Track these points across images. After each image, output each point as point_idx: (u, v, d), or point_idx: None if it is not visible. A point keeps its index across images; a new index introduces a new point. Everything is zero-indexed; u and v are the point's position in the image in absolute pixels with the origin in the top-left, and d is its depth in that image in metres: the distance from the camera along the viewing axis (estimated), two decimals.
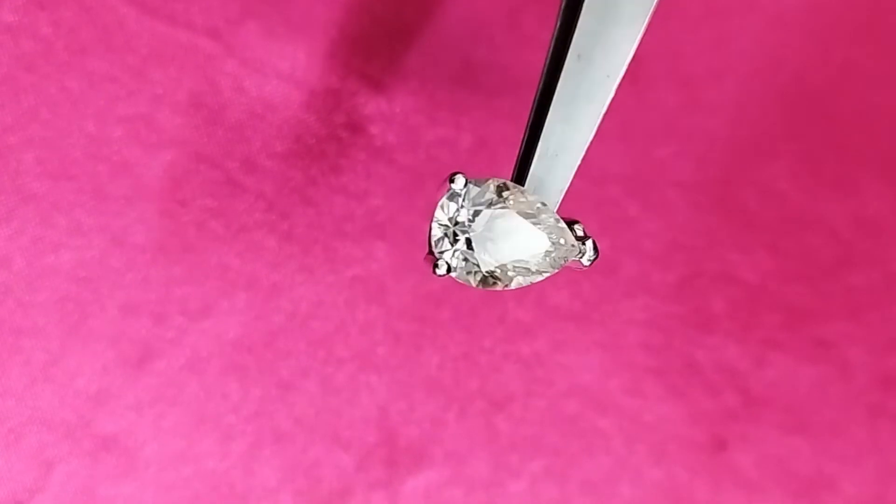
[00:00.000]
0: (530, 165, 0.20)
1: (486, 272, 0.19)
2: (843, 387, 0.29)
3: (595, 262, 0.20)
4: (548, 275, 0.19)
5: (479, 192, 0.19)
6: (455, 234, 0.19)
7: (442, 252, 0.19)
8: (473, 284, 0.19)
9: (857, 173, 0.29)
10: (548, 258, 0.19)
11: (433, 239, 0.19)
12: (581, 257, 0.20)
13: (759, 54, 0.29)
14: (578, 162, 0.20)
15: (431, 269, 0.19)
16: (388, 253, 0.28)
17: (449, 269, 0.19)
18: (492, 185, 0.19)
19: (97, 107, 0.27)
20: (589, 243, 0.20)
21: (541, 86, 0.20)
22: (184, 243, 0.27)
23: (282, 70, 0.27)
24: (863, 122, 0.29)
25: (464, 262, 0.19)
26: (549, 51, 0.20)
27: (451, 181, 0.19)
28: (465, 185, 0.19)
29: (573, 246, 0.19)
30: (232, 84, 0.27)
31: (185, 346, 0.28)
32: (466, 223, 0.19)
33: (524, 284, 0.20)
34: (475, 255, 0.19)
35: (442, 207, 0.19)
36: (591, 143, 0.26)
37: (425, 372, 0.28)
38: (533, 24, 0.28)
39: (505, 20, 0.28)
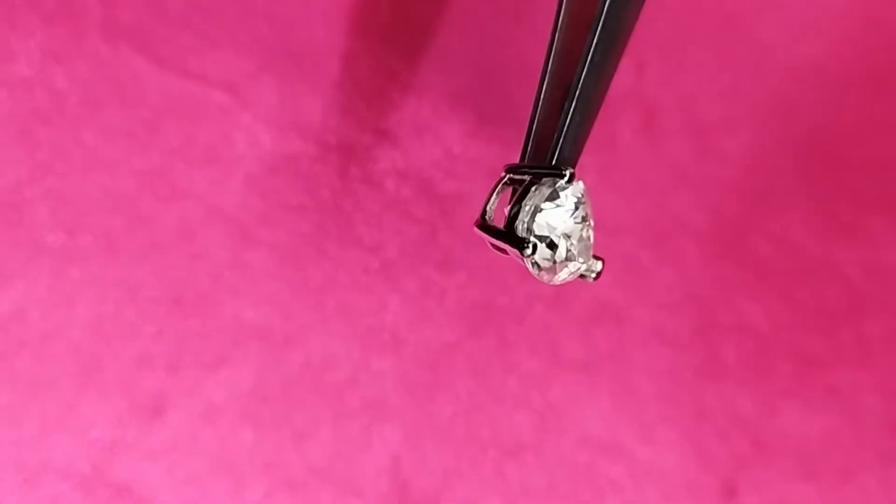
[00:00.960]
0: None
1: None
2: (854, 434, 0.29)
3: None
4: (567, 270, 0.21)
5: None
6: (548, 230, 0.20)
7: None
8: (534, 270, 0.21)
9: (871, 222, 0.29)
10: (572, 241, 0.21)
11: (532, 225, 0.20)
12: (590, 274, 0.21)
13: (774, 104, 0.29)
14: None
15: (519, 251, 0.20)
16: (401, 304, 0.28)
17: (534, 251, 0.20)
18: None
19: (112, 160, 0.27)
20: (599, 263, 0.22)
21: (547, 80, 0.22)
22: (198, 295, 0.27)
23: (297, 123, 0.27)
24: (876, 172, 0.29)
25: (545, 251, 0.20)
26: (551, 53, 0.22)
27: (561, 176, 0.20)
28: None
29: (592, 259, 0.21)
30: (247, 137, 0.27)
31: (200, 397, 0.28)
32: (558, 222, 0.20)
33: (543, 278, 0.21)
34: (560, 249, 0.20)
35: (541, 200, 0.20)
36: (606, 193, 0.26)
37: (438, 422, 0.28)
38: None
39: (521, 75, 0.28)
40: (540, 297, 0.29)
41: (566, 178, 0.21)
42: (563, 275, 0.21)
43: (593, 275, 0.21)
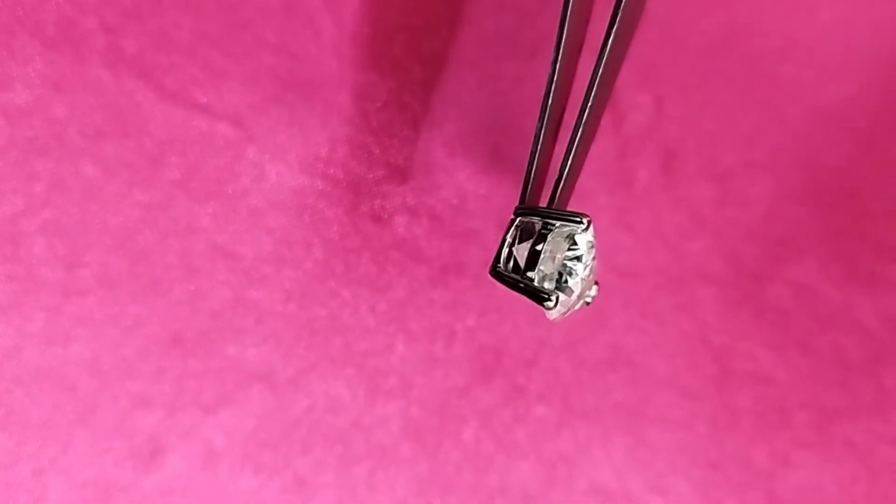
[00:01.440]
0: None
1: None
2: (870, 488, 0.28)
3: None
4: (576, 308, 0.21)
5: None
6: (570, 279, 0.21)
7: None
8: (552, 315, 0.21)
9: (891, 271, 0.28)
10: (586, 276, 0.21)
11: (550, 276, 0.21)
12: (588, 299, 0.22)
13: (796, 148, 0.28)
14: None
15: (539, 303, 0.20)
16: (408, 346, 0.27)
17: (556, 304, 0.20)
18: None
19: (112, 193, 0.26)
20: (595, 288, 0.22)
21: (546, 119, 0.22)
22: (199, 334, 0.27)
23: (304, 158, 0.27)
24: None
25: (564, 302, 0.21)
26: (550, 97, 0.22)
27: (580, 222, 0.21)
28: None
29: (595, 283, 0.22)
30: (252, 171, 0.26)
31: (199, 439, 0.27)
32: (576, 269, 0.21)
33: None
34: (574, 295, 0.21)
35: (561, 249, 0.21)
36: (622, 235, 0.26)
37: (444, 468, 0.28)
38: (568, 116, 0.27)
39: (534, 113, 0.27)
40: (551, 342, 0.28)
41: (584, 226, 0.21)
42: (571, 312, 0.21)
43: (589, 300, 0.22)
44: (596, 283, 0.22)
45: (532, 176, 0.23)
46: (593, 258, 0.21)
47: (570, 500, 0.28)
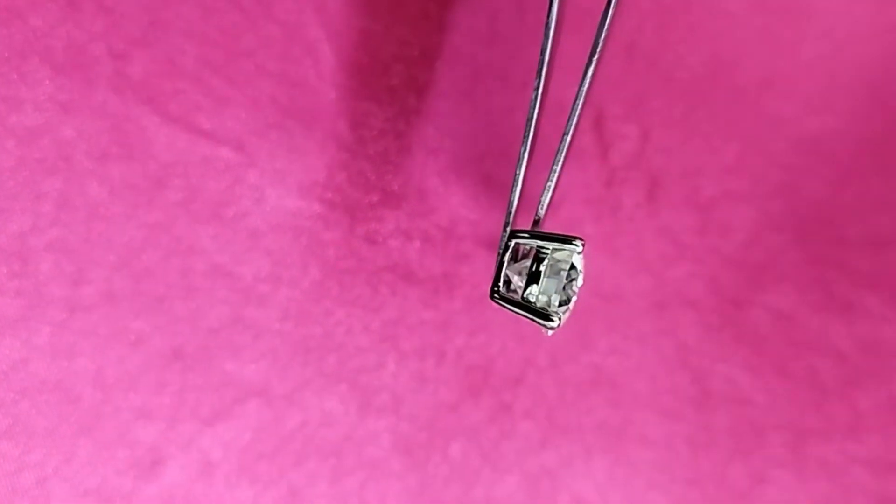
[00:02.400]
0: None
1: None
2: None
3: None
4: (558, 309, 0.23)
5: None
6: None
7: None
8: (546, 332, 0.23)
9: (866, 298, 0.29)
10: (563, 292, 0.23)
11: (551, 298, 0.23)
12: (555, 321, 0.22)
13: (778, 178, 0.29)
14: None
15: (542, 325, 0.22)
16: (400, 364, 0.28)
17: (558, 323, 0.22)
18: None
19: (117, 213, 0.27)
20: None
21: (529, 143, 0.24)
22: (198, 350, 0.28)
23: (303, 182, 0.28)
24: (874, 249, 0.29)
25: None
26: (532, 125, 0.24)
27: (573, 244, 0.22)
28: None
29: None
30: (252, 194, 0.27)
31: (197, 451, 0.28)
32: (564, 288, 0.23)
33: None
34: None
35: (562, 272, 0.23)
36: (606, 261, 0.27)
37: (433, 482, 0.29)
38: (555, 146, 0.28)
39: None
40: (537, 362, 0.29)
41: (579, 249, 0.22)
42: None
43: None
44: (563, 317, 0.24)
45: (516, 199, 0.24)
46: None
47: None
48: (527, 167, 0.24)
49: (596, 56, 0.23)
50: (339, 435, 0.28)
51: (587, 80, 0.23)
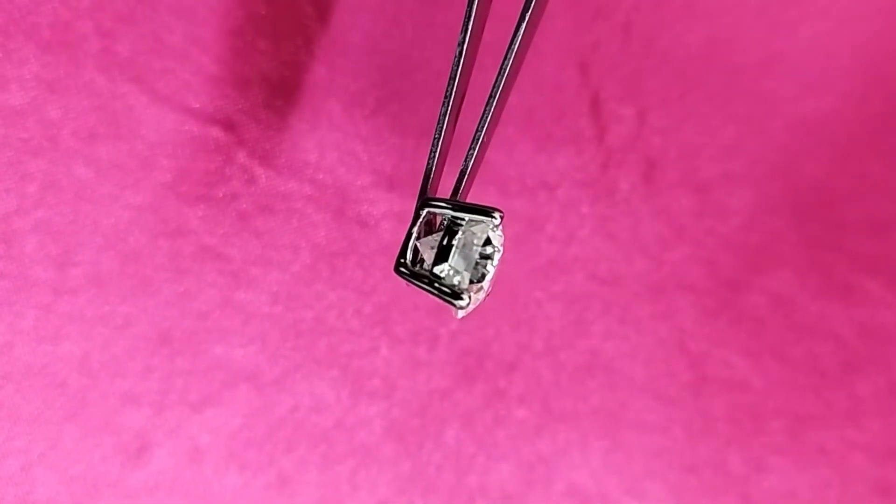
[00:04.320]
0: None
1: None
2: (842, 494, 0.29)
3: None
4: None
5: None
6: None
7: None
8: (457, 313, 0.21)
9: (866, 282, 0.29)
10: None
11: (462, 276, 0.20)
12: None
13: (775, 161, 0.28)
14: None
15: (452, 304, 0.20)
16: (393, 349, 0.28)
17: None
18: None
19: (104, 193, 0.27)
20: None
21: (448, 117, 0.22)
22: (187, 334, 0.27)
23: (293, 163, 0.27)
24: (874, 232, 0.29)
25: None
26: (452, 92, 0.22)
27: (492, 216, 0.20)
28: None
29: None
30: (241, 175, 0.27)
31: (185, 437, 0.27)
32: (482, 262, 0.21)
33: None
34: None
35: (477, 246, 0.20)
36: (603, 243, 0.26)
37: (425, 468, 0.28)
38: (550, 126, 0.28)
39: (521, 119, 0.27)
40: (532, 347, 0.28)
41: (498, 222, 0.20)
42: (475, 306, 0.21)
43: (489, 290, 0.21)
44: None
45: (434, 165, 0.22)
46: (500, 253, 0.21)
47: (548, 502, 0.28)
48: (447, 130, 0.22)
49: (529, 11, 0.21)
50: (330, 421, 0.28)
51: (519, 35, 0.21)
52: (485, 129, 0.21)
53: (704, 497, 0.29)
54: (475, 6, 0.21)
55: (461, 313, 0.20)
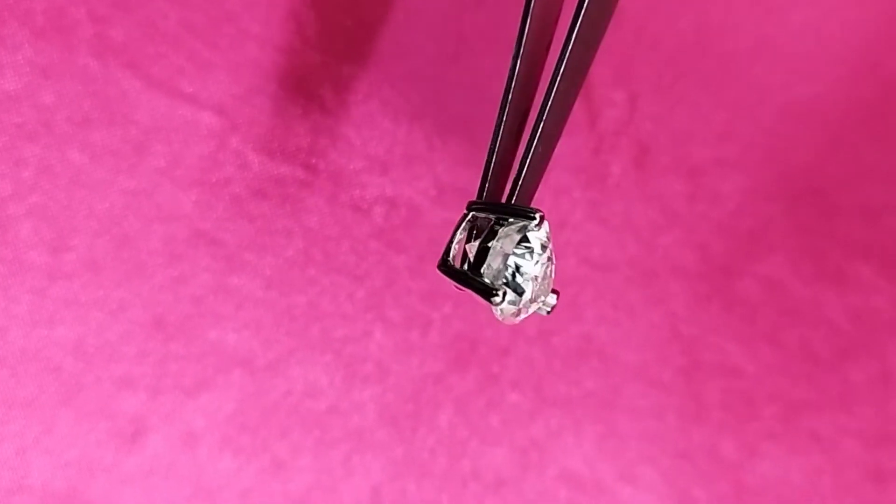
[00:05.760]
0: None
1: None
2: (835, 480, 0.29)
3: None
4: (529, 311, 0.20)
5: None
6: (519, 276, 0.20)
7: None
8: (500, 315, 0.20)
9: (859, 268, 0.29)
10: (538, 282, 0.20)
11: (500, 272, 0.20)
12: (547, 308, 0.21)
13: (767, 146, 0.28)
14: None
15: (485, 299, 0.19)
16: (386, 334, 0.28)
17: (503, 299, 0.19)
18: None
19: (98, 179, 0.27)
20: (554, 297, 0.21)
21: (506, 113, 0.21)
22: (181, 318, 0.27)
23: (286, 147, 0.27)
24: (866, 217, 0.29)
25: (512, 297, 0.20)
26: (511, 88, 0.21)
27: (532, 219, 0.19)
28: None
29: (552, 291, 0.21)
30: (235, 160, 0.27)
31: (180, 421, 0.27)
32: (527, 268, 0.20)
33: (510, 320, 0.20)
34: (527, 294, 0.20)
35: (513, 246, 0.20)
36: (595, 228, 0.26)
37: (419, 453, 0.28)
38: None
39: None
40: (525, 332, 0.29)
41: (536, 221, 0.20)
42: (524, 315, 0.20)
43: (548, 309, 0.21)
44: (555, 291, 0.21)
45: (490, 171, 0.22)
46: (549, 259, 0.20)
47: (541, 486, 0.28)
48: (504, 139, 0.22)
49: (578, 24, 0.21)
50: (323, 405, 0.28)
51: (568, 52, 0.21)
52: (537, 138, 0.21)
53: (697, 483, 0.29)
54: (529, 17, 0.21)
55: (500, 313, 0.20)
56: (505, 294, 0.19)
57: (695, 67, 0.28)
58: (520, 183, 0.21)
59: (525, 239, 0.20)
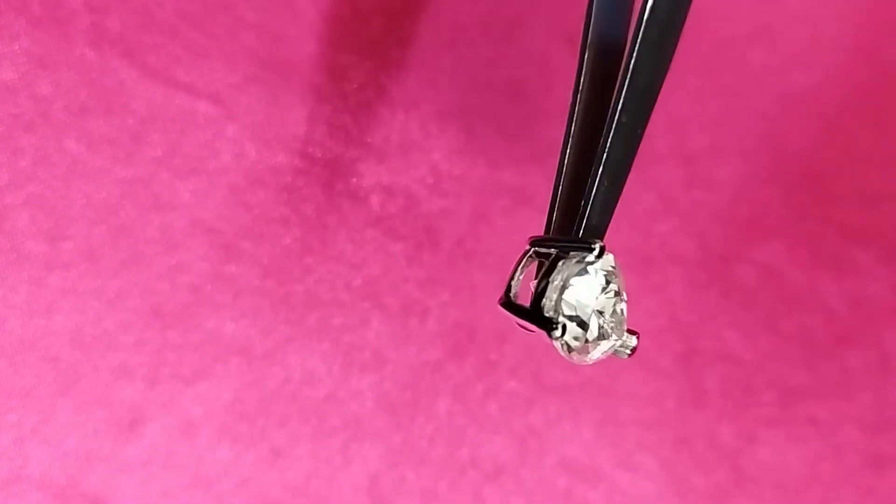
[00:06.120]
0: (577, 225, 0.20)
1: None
2: (834, 466, 0.29)
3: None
4: (600, 349, 0.19)
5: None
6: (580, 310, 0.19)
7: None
8: (564, 353, 0.19)
9: (857, 254, 0.29)
10: (604, 318, 0.19)
11: (559, 304, 0.19)
12: (624, 351, 0.20)
13: (764, 132, 0.28)
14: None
15: (546, 333, 0.18)
16: (383, 322, 0.28)
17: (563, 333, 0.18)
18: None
19: (95, 168, 0.27)
20: (634, 339, 0.20)
21: (570, 144, 0.20)
22: (179, 307, 0.27)
23: (283, 136, 0.27)
24: (863, 203, 0.29)
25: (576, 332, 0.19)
26: (574, 116, 0.20)
27: (590, 250, 0.19)
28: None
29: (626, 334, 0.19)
30: (232, 149, 0.27)
31: (178, 410, 0.27)
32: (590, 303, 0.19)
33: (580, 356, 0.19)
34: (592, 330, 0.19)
35: (570, 281, 0.19)
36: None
37: (417, 441, 0.28)
38: (539, 99, 0.28)
39: (509, 94, 0.28)
40: None
41: (595, 253, 0.19)
42: (596, 354, 0.19)
43: (628, 351, 0.20)
44: (634, 332, 0.20)
45: (556, 206, 0.21)
46: (616, 294, 0.19)
47: (540, 474, 0.28)
48: (567, 172, 0.20)
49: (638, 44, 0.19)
50: (321, 394, 0.28)
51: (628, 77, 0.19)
52: (601, 169, 0.19)
53: (696, 470, 0.29)
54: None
55: (563, 348, 0.19)
56: (565, 328, 0.18)
57: (690, 54, 0.28)
58: (585, 216, 0.20)
59: (584, 271, 0.19)
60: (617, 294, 0.19)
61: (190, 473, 0.28)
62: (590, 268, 0.19)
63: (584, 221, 0.20)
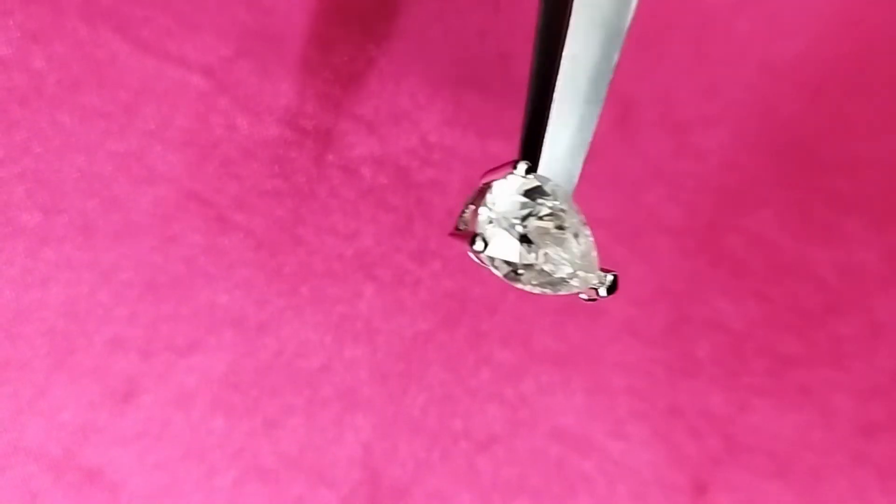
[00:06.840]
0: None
1: (517, 265, 0.19)
2: (825, 434, 0.29)
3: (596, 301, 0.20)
4: (565, 292, 0.19)
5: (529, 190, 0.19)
6: (502, 223, 0.19)
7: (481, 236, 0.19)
8: (500, 273, 0.19)
9: (845, 222, 0.29)
10: (575, 276, 0.19)
11: (480, 220, 0.19)
12: (600, 286, 0.20)
13: (751, 102, 0.29)
14: (582, 164, 0.20)
15: (468, 245, 0.19)
16: (375, 293, 0.28)
17: (485, 247, 0.19)
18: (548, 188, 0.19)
19: (88, 141, 0.27)
20: (610, 276, 0.20)
21: (533, 92, 0.21)
22: (172, 279, 0.27)
23: (274, 108, 0.27)
24: (852, 171, 0.29)
25: (499, 248, 0.19)
26: (535, 63, 0.20)
27: (514, 167, 0.19)
28: (527, 173, 0.19)
29: (599, 271, 0.20)
30: (224, 121, 0.27)
31: (172, 382, 0.28)
32: (513, 217, 0.19)
33: (541, 292, 0.20)
34: (513, 246, 0.19)
35: (492, 191, 0.19)
36: (579, 186, 0.26)
37: (410, 412, 0.28)
38: (528, 69, 0.28)
39: (499, 65, 0.28)
40: (513, 289, 0.29)
41: (518, 169, 0.19)
42: (560, 285, 0.19)
43: (604, 288, 0.20)
44: (607, 271, 0.20)
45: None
46: (559, 226, 0.19)
47: (532, 444, 0.29)
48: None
49: None
50: (314, 365, 0.28)
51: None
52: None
53: (689, 438, 0.29)
54: None
55: (476, 258, 0.19)
56: (485, 241, 0.19)
57: (676, 24, 0.28)
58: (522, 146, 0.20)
59: (506, 185, 0.19)
60: (563, 228, 0.19)
61: (184, 444, 0.28)
62: (511, 182, 0.19)
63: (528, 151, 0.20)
